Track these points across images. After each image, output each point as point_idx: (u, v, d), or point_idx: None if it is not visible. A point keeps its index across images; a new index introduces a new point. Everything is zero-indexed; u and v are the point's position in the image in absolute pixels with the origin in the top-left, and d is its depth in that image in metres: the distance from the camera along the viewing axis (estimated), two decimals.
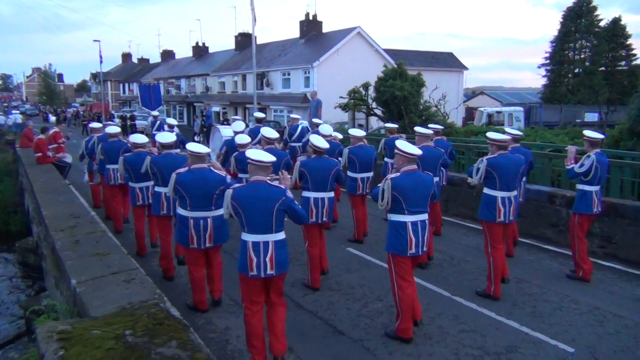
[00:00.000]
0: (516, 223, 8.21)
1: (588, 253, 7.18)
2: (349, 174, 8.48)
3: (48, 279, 8.51)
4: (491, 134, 6.58)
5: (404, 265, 5.24)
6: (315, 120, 9.44)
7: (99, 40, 39.37)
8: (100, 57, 38.81)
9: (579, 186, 7.02)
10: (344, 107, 23.18)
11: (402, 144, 5.31)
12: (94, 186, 11.37)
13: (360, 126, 23.90)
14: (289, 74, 36.45)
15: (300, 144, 11.81)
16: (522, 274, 7.33)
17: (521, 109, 33.00)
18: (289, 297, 6.42)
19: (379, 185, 5.31)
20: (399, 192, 5.10)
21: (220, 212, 5.64)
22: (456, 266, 7.65)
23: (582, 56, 50.83)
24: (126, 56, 76.24)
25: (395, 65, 22.04)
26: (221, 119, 33.73)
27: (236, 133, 9.48)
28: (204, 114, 23.15)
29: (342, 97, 23.07)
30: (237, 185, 4.86)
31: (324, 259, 7.04)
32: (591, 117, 38.91)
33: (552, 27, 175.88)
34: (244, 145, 8.05)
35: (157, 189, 6.98)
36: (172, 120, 13.29)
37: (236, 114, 39.22)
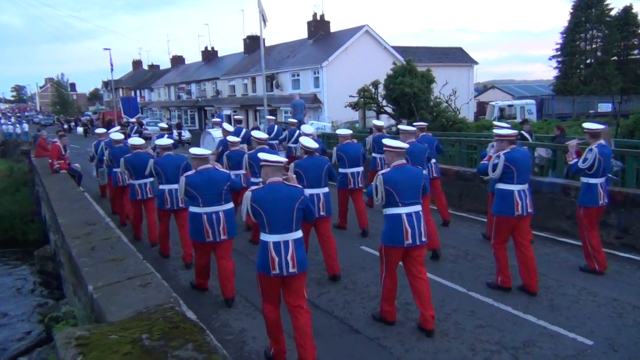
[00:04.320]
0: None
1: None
2: (340, 170, 8.88)
3: (66, 286, 8.61)
4: (497, 131, 6.60)
5: (394, 256, 5.44)
6: (290, 119, 10.14)
7: (109, 49, 39.76)
8: (111, 65, 39.25)
9: (583, 179, 6.94)
10: (354, 106, 23.13)
11: (390, 141, 5.56)
12: (102, 185, 12.84)
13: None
14: (298, 75, 36.48)
15: (276, 141, 12.85)
16: (539, 267, 7.20)
17: (533, 101, 32.59)
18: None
19: (372, 183, 5.49)
20: (391, 186, 5.28)
21: (229, 206, 6.24)
22: (471, 262, 7.61)
23: (594, 46, 50.17)
24: (136, 63, 76.82)
25: (405, 62, 21.94)
26: (232, 121, 33.94)
27: (227, 133, 10.64)
28: (215, 117, 23.26)
29: (351, 96, 23.03)
30: (254, 187, 4.91)
31: (334, 260, 7.08)
32: (605, 107, 38.34)
33: (562, 18, 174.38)
34: (235, 144, 9.17)
35: (161, 186, 7.66)
36: (162, 125, 14.95)
37: (247, 117, 39.39)
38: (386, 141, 5.57)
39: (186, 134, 30.99)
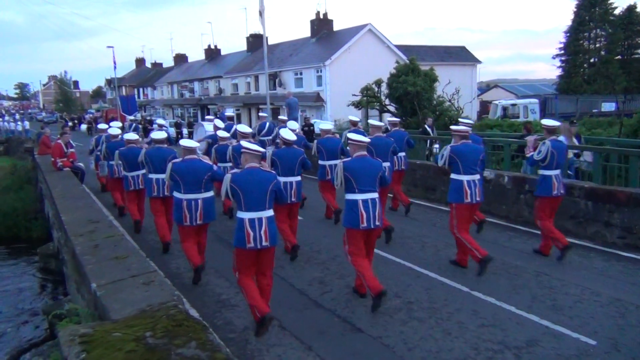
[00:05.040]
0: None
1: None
2: (319, 162, 9.75)
3: (69, 284, 8.63)
4: (455, 127, 7.51)
5: (356, 238, 5.99)
6: (280, 117, 10.68)
7: (112, 47, 39.76)
8: (114, 63, 39.17)
9: (540, 171, 7.57)
10: (357, 105, 23.12)
11: (353, 135, 6.25)
12: (101, 178, 13.43)
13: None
14: (301, 74, 36.50)
15: (269, 137, 13.13)
16: (542, 267, 7.26)
17: (536, 100, 32.55)
18: (307, 296, 6.45)
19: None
20: (350, 173, 5.93)
21: (209, 194, 6.88)
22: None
23: (598, 45, 50.04)
24: (140, 61, 76.92)
25: (408, 61, 21.98)
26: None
27: (217, 129, 11.51)
28: (218, 116, 23.23)
29: (354, 95, 23.04)
30: (234, 171, 5.59)
31: (294, 233, 8.04)
32: (608, 106, 38.24)
33: (565, 16, 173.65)
34: (224, 139, 10.00)
35: (150, 175, 8.31)
36: (161, 121, 15.54)
37: (249, 115, 39.42)
38: (350, 135, 6.27)
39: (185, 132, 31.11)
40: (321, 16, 39.70)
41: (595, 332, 5.30)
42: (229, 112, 39.79)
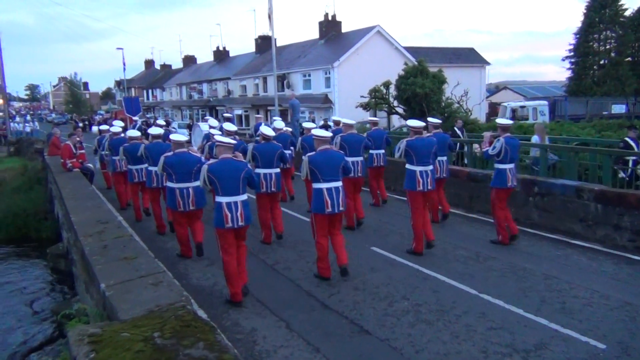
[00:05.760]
0: (443, 194, 9.93)
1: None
2: (303, 157, 9.96)
3: (78, 284, 8.68)
4: (410, 122, 8.34)
5: (322, 222, 6.83)
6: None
7: (122, 48, 40.26)
8: (124, 64, 39.61)
9: (495, 165, 8.32)
10: (365, 106, 23.08)
11: (317, 131, 7.24)
12: (105, 173, 14.41)
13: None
14: (309, 75, 36.52)
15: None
16: (551, 270, 7.21)
17: (545, 102, 32.28)
18: (314, 298, 6.45)
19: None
20: (314, 165, 6.75)
21: (198, 183, 7.21)
22: (482, 263, 7.57)
23: (608, 47, 49.58)
24: (149, 63, 77.34)
25: (416, 63, 21.87)
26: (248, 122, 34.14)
27: (211, 127, 12.62)
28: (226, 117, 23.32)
29: (363, 97, 22.99)
30: (210, 161, 6.46)
31: (278, 224, 8.87)
32: (618, 108, 38.01)
33: (575, 18, 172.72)
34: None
35: (149, 168, 9.27)
36: (160, 121, 16.89)
37: (258, 116, 39.40)
38: (314, 131, 7.28)
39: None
40: (330, 18, 39.72)
41: (604, 336, 5.26)
42: (238, 111, 40.06)
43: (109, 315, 4.76)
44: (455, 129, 14.76)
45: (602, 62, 49.57)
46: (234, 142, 6.55)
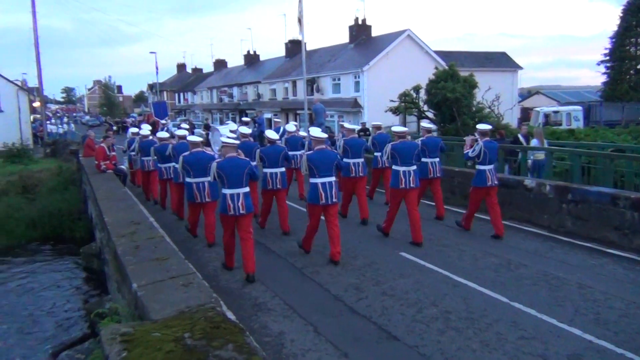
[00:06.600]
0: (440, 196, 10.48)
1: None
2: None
3: (110, 283, 8.85)
4: (394, 128, 9.21)
5: (316, 211, 7.82)
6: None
7: (155, 52, 41.10)
8: (157, 68, 40.37)
9: (477, 166, 9.09)
10: (395, 111, 22.95)
11: (314, 131, 8.21)
12: (132, 172, 15.45)
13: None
14: (339, 79, 36.53)
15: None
16: (585, 279, 7.04)
17: (580, 108, 31.53)
18: (343, 302, 6.43)
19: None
20: (312, 163, 7.69)
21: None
22: (514, 271, 7.44)
23: None
24: (181, 66, 78.49)
25: (447, 67, 21.67)
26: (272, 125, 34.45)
27: (231, 131, 13.03)
28: (256, 121, 23.48)
29: (392, 101, 22.86)
30: (218, 159, 7.52)
31: (284, 221, 9.66)
32: None
33: (611, 22, 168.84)
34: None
35: (176, 165, 9.99)
36: (185, 125, 16.93)
37: (287, 120, 39.62)
38: (312, 131, 8.37)
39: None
40: (360, 22, 39.71)
41: None
42: (267, 114, 40.34)
43: (141, 315, 4.83)
44: (519, 135, 13.91)
45: (638, 66, 48.26)
46: (237, 142, 7.83)
